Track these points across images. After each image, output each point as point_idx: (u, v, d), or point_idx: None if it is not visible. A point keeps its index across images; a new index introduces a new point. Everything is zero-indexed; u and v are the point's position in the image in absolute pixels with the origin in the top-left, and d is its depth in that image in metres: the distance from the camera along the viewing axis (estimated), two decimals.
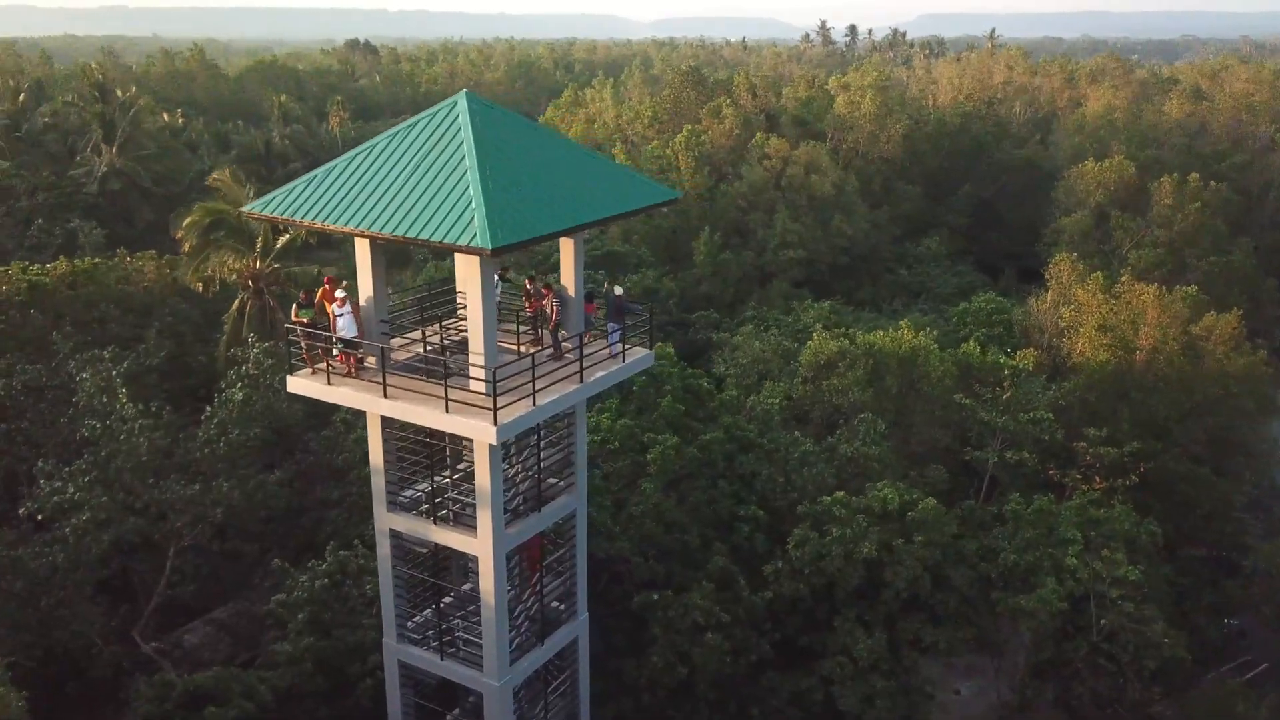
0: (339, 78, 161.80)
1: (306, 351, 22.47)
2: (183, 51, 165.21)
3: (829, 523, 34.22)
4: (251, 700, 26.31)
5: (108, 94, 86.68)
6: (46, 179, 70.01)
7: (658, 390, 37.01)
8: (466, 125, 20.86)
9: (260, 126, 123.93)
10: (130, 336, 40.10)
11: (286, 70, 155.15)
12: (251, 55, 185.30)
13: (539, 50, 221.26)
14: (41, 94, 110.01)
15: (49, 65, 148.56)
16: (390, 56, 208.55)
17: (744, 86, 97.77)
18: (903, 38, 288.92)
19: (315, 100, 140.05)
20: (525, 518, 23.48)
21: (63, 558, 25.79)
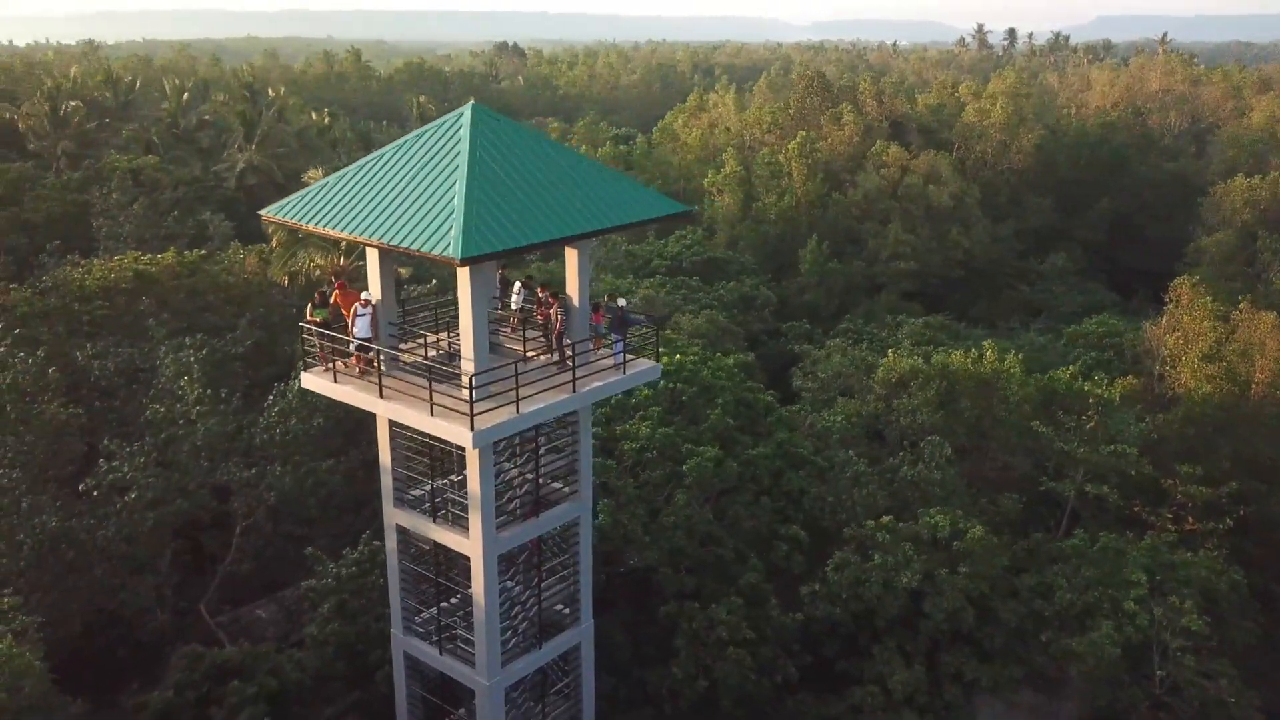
0: (482, 80, 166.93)
1: (321, 350, 23.48)
2: (341, 54, 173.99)
3: (873, 548, 33.33)
4: (276, 678, 27.64)
5: (256, 94, 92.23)
6: (189, 174, 74.95)
7: (708, 402, 36.79)
8: (466, 137, 21.39)
9: (403, 126, 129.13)
10: (224, 325, 42.62)
11: (432, 72, 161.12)
12: (411, 57, 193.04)
13: (679, 54, 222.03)
14: (204, 94, 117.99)
15: (218, 66, 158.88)
16: (535, 59, 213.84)
17: (869, 93, 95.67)
18: (1065, 41, 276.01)
19: (457, 102, 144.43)
20: (522, 522, 23.85)
21: (113, 531, 27.74)
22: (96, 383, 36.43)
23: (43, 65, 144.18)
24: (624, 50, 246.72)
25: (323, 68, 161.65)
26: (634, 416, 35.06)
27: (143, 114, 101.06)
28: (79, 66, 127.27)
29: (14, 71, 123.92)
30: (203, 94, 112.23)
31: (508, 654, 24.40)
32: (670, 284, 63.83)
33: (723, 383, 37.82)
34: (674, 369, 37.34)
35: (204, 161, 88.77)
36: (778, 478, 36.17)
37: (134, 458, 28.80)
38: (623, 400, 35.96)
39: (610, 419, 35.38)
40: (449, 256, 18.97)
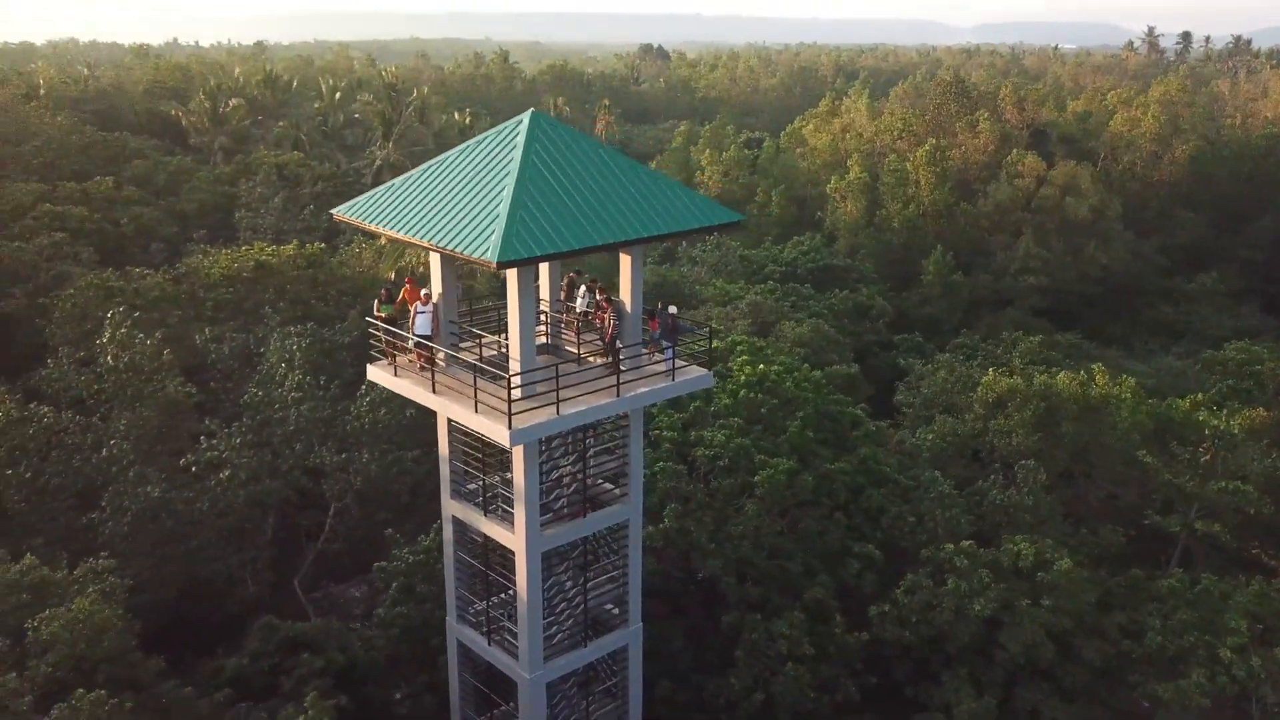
0: (622, 82, 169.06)
1: (386, 344, 24.53)
2: (489, 55, 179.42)
3: (948, 572, 32.32)
4: (345, 654, 29.01)
5: (399, 94, 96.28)
6: (329, 170, 78.92)
7: (790, 414, 36.40)
8: (520, 144, 21.95)
9: None
10: (336, 316, 44.80)
11: (574, 75, 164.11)
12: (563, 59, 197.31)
13: (822, 57, 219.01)
14: (356, 94, 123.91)
15: (372, 67, 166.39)
16: (678, 62, 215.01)
17: (1009, 99, 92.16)
18: (1246, 45, 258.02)
19: (597, 103, 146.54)
20: (569, 520, 24.29)
21: (207, 505, 29.68)
22: (213, 365, 38.89)
23: (211, 65, 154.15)
24: (765, 53, 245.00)
25: (469, 69, 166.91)
26: (713, 424, 35.01)
27: (296, 112, 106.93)
28: (242, 67, 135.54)
29: (189, 71, 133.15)
30: (354, 94, 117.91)
31: (552, 649, 24.88)
32: (781, 290, 63.22)
33: (806, 395, 37.34)
34: (757, 379, 37.10)
35: (348, 158, 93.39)
36: (857, 494, 35.49)
37: (230, 438, 30.70)
38: (702, 408, 35.99)
39: (688, 425, 35.46)
40: (487, 260, 19.56)
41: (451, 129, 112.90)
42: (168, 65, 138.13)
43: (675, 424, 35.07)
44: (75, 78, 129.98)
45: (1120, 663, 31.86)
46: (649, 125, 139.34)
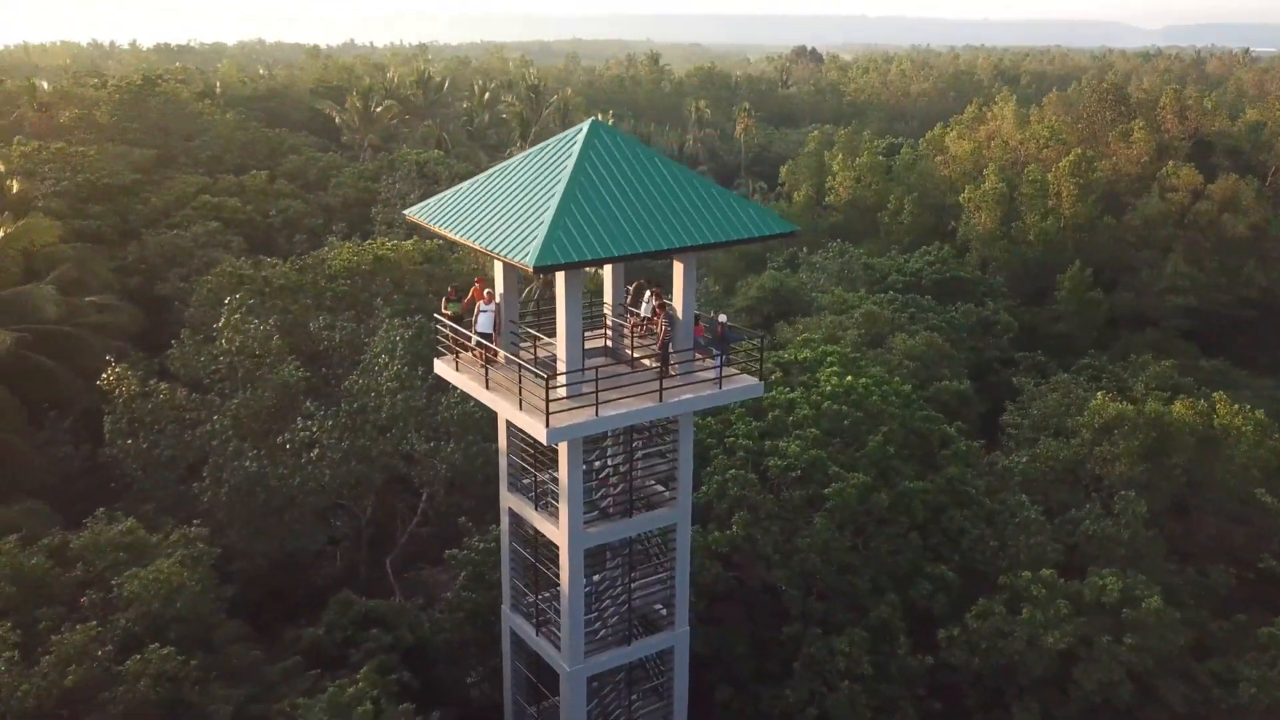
0: (769, 85, 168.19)
1: (451, 340, 25.67)
2: (640, 57, 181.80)
3: (1024, 600, 31.19)
4: (413, 633, 30.46)
5: (540, 95, 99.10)
6: (466, 168, 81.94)
7: (873, 428, 35.80)
8: (576, 152, 22.59)
9: (683, 130, 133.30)
10: None
11: (721, 77, 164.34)
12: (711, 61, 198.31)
13: (979, 60, 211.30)
14: (503, 95, 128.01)
15: (526, 69, 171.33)
16: (831, 64, 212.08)
17: (1170, 108, 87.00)
18: None
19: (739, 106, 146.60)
20: (614, 520, 24.82)
21: (298, 483, 31.70)
22: (325, 352, 41.30)
23: (374, 66, 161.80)
24: (924, 56, 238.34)
25: (618, 71, 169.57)
26: (790, 435, 34.84)
27: (445, 112, 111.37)
28: (402, 68, 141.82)
29: (354, 71, 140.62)
30: (501, 95, 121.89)
31: (594, 645, 25.46)
32: (900, 301, 61.86)
33: (892, 410, 36.63)
34: (843, 391, 36.66)
35: (490, 157, 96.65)
36: (938, 514, 34.62)
37: (324, 420, 32.66)
38: (780, 418, 35.83)
39: (764, 434, 35.39)
40: (525, 264, 20.29)
41: None
42: (335, 65, 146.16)
43: (752, 432, 35.06)
44: (252, 77, 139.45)
45: (1208, 711, 30.01)
46: (792, 129, 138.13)
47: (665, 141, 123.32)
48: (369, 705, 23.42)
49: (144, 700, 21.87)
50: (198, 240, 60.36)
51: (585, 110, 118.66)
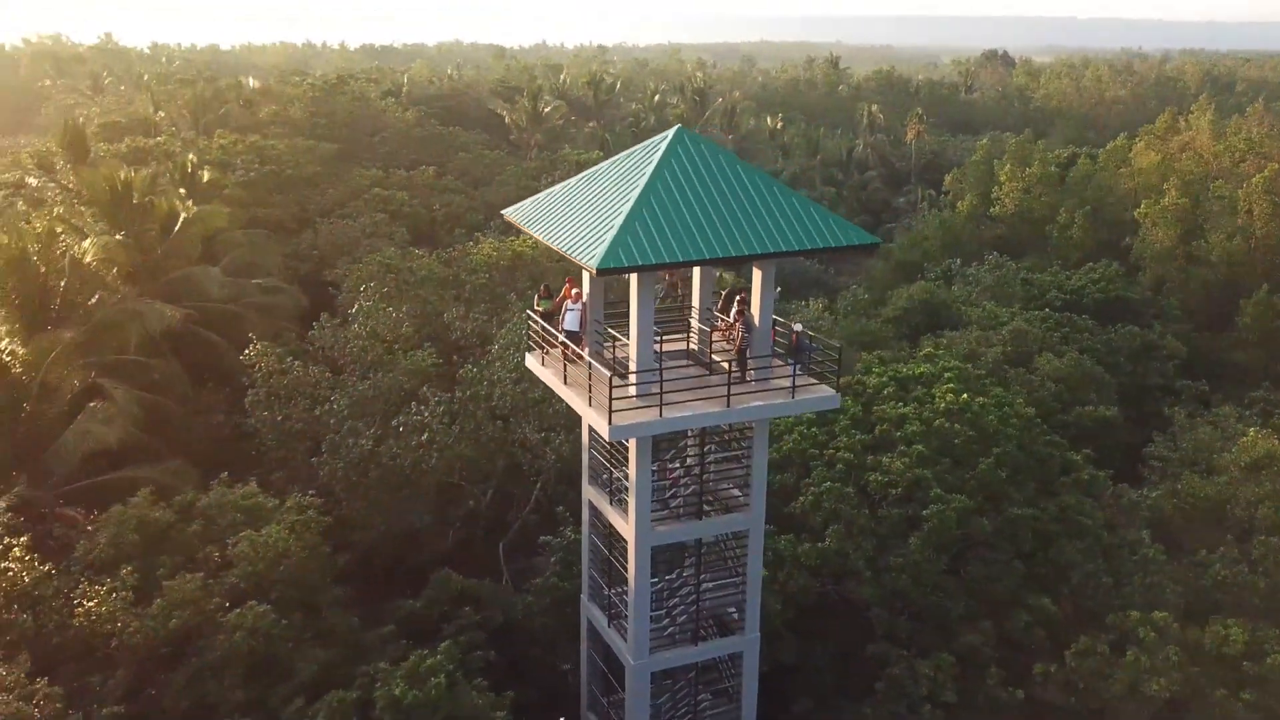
0: (951, 90, 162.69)
1: (540, 337, 26.70)
2: (816, 60, 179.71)
3: (1132, 642, 29.46)
4: (503, 615, 31.80)
5: (706, 97, 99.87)
6: None
7: (986, 449, 34.54)
8: (656, 159, 23.11)
9: (854, 134, 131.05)
10: None
11: (899, 81, 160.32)
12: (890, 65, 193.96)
13: (1188, 66, 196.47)
14: (703, 98, 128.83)
15: (702, 70, 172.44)
16: (1023, 68, 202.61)
17: None
18: None
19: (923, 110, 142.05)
20: (684, 521, 25.21)
21: (408, 464, 33.61)
22: (457, 342, 43.41)
23: (554, 67, 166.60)
24: (1123, 61, 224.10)
25: (793, 74, 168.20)
26: (890, 451, 34.13)
27: (613, 114, 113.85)
28: (573, 70, 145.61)
29: (533, 72, 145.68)
30: (669, 97, 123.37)
31: (661, 642, 25.93)
32: (1054, 319, 58.99)
33: (1010, 431, 35.21)
34: (957, 408, 35.54)
35: None
36: (1047, 543, 33.10)
37: (436, 406, 34.50)
38: (888, 433, 35.13)
39: (871, 448, 34.79)
40: (590, 266, 20.99)
41: (759, 133, 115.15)
42: (518, 67, 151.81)
43: (855, 445, 34.55)
44: (440, 77, 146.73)
45: None
46: (972, 136, 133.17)
47: (833, 146, 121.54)
48: (442, 678, 24.63)
49: (237, 650, 23.95)
50: (365, 230, 64.33)
51: (753, 113, 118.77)
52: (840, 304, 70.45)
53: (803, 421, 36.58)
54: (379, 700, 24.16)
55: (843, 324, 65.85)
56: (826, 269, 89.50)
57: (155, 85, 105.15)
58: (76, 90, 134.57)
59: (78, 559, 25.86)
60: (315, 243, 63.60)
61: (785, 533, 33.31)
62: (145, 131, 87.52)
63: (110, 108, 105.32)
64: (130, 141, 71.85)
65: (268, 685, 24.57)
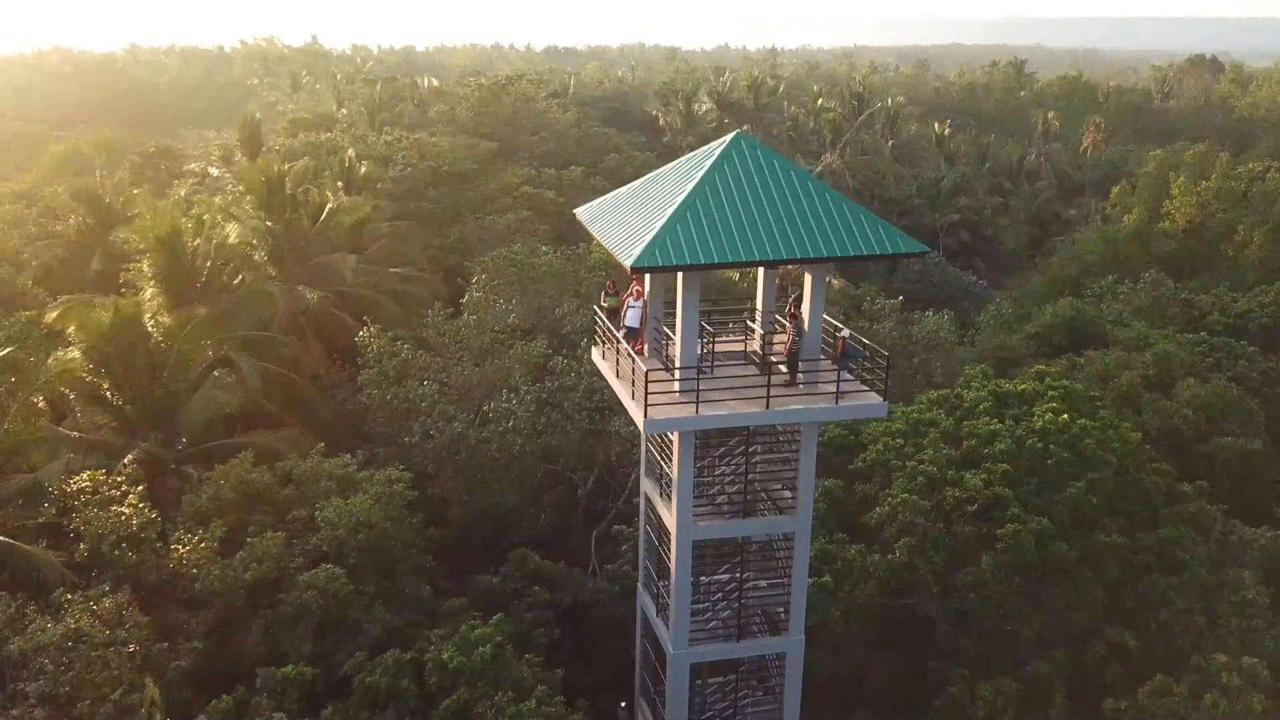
0: (1141, 96, 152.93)
1: (605, 331, 27.76)
2: (1000, 64, 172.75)
3: (1213, 686, 27.79)
4: (573, 598, 33.09)
5: (862, 101, 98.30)
6: None
7: (1080, 473, 33.12)
8: (709, 164, 23.72)
9: (1027, 141, 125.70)
10: None
11: (1085, 87, 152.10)
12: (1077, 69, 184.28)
13: None
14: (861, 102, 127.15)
15: (874, 74, 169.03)
16: (1233, 74, 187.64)
17: None
18: None
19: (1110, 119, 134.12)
20: (728, 518, 25.70)
21: (495, 448, 35.38)
22: (568, 335, 45.09)
23: (715, 69, 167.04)
24: None
25: (970, 78, 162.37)
26: (975, 466, 33.28)
27: (773, 117, 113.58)
28: (733, 73, 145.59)
29: (699, 75, 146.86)
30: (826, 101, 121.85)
31: (702, 635, 26.49)
32: (1209, 344, 55.28)
33: (1109, 457, 33.63)
34: (1054, 429, 34.24)
35: (806, 163, 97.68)
36: (1138, 575, 31.49)
37: (525, 395, 36.15)
38: (975, 448, 34.23)
39: (953, 463, 34.00)
40: (626, 264, 21.87)
41: (921, 139, 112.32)
42: (687, 69, 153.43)
43: (940, 459, 33.88)
44: (611, 78, 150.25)
45: None
46: (1163, 146, 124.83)
47: (1003, 155, 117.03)
48: (488, 648, 26.08)
49: (308, 607, 26.18)
50: (510, 226, 67.26)
51: (918, 118, 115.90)
52: (981, 318, 68.32)
53: (890, 432, 36.14)
54: (429, 662, 25.86)
55: (979, 338, 63.85)
56: (979, 280, 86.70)
57: (342, 85, 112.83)
58: (278, 88, 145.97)
59: (182, 510, 28.84)
60: (463, 236, 66.93)
61: (859, 542, 33.10)
62: (328, 127, 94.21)
63: (302, 105, 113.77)
64: (304, 136, 77.69)
65: (335, 641, 26.70)
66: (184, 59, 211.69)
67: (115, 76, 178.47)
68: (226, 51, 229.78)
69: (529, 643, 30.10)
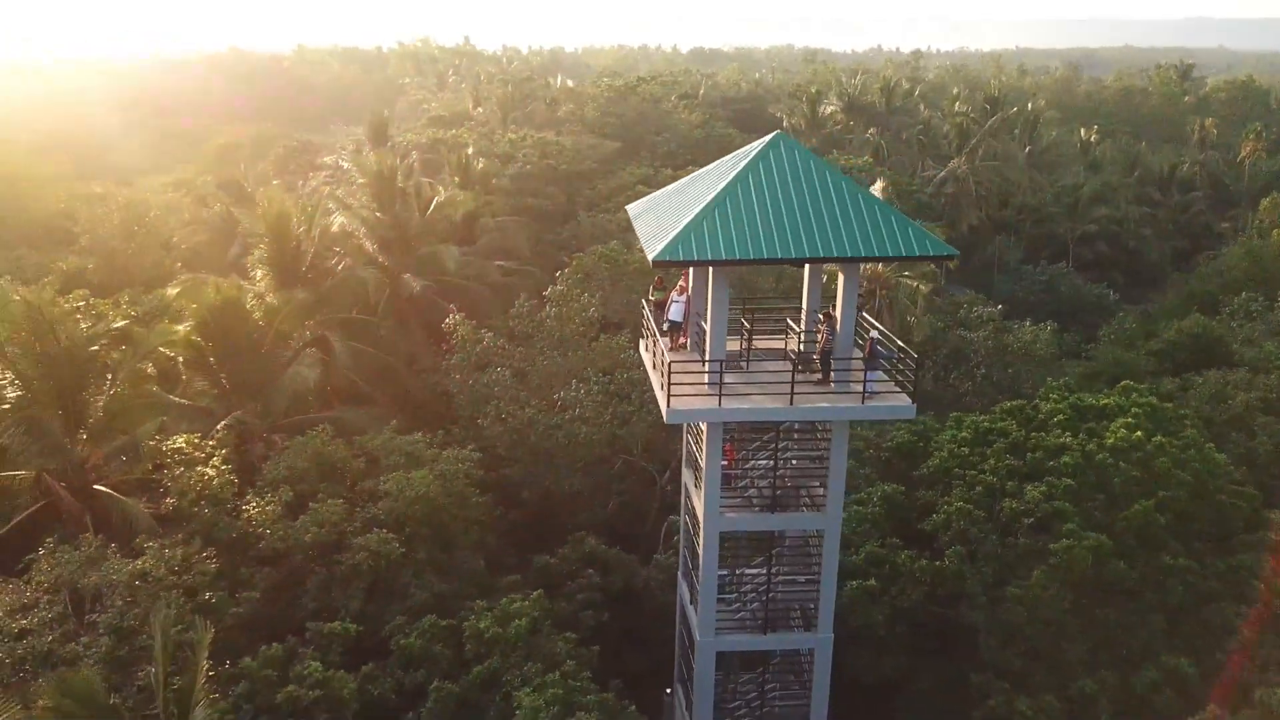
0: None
1: (651, 324, 28.60)
2: (1163, 67, 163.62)
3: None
4: (624, 583, 34.10)
5: (997, 105, 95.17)
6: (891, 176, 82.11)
7: (1149, 491, 31.85)
8: (742, 164, 24.26)
9: (1182, 149, 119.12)
10: None
11: (1256, 92, 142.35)
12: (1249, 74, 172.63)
13: None
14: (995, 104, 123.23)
15: (1024, 78, 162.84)
16: None
17: None
18: None
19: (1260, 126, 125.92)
20: (756, 512, 26.16)
21: (562, 436, 36.70)
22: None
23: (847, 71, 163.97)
24: None
25: (1127, 82, 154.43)
26: (1037, 480, 32.49)
27: (905, 120, 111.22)
28: (865, 75, 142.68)
29: (835, 76, 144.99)
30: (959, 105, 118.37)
31: (730, 625, 27.03)
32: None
33: (1184, 476, 32.22)
34: (1126, 445, 33.04)
35: (938, 167, 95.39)
36: (1205, 601, 30.14)
37: (592, 385, 37.35)
38: (1040, 460, 33.38)
39: (1016, 474, 33.27)
40: (649, 258, 22.68)
41: (1064, 145, 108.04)
42: (827, 70, 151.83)
43: (1001, 470, 33.22)
44: (748, 81, 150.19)
45: None
46: None
47: (1153, 163, 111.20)
48: (523, 621, 27.37)
49: (358, 568, 28.10)
50: (619, 225, 68.73)
51: (1060, 123, 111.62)
52: (1102, 332, 65.72)
53: (957, 440, 35.62)
54: (466, 630, 27.35)
55: (1097, 352, 61.38)
56: (1112, 293, 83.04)
57: (483, 84, 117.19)
58: (425, 87, 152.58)
59: (262, 475, 31.32)
60: (576, 232, 68.79)
61: (914, 548, 32.86)
62: (462, 124, 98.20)
63: (444, 103, 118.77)
64: (430, 133, 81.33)
65: (384, 603, 28.53)
66: (344, 59, 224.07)
67: (280, 75, 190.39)
68: (384, 52, 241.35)
69: (575, 623, 31.25)
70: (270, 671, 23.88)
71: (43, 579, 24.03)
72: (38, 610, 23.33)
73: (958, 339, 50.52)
